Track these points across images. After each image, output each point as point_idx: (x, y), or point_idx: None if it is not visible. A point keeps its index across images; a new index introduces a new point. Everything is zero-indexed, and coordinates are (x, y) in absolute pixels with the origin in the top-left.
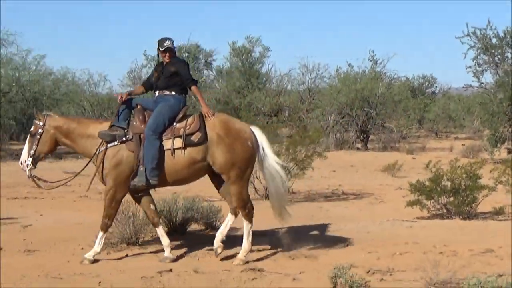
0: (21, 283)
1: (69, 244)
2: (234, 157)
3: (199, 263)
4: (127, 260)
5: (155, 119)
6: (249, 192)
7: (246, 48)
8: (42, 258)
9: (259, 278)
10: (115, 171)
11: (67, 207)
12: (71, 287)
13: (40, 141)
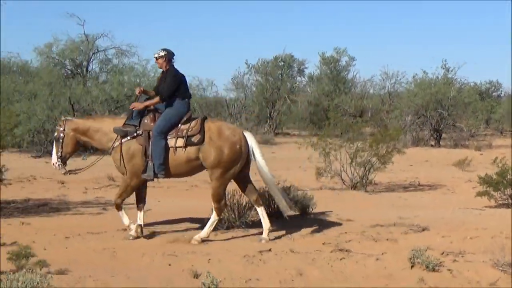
0: (142, 261)
1: (181, 227)
2: (221, 157)
3: (294, 244)
4: (233, 240)
5: (161, 122)
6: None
7: (334, 58)
8: (160, 238)
9: (347, 257)
10: (130, 162)
11: (180, 195)
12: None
13: (63, 144)
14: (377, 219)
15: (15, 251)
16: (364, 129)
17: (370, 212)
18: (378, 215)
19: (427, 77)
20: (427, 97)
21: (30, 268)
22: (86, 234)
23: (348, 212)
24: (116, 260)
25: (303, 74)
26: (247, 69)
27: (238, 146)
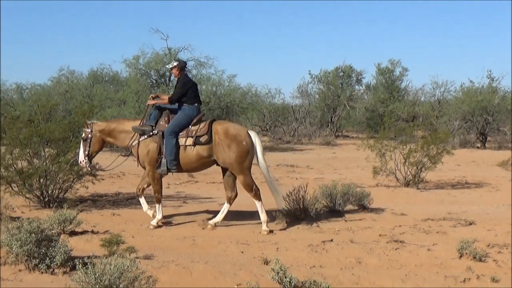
0: (218, 248)
1: (252, 218)
2: (231, 154)
3: (354, 235)
4: (297, 231)
5: (172, 123)
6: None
7: (389, 69)
8: (235, 229)
9: (401, 248)
10: (147, 157)
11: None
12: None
13: (91, 143)
14: (428, 214)
15: (107, 239)
16: (416, 133)
17: (421, 207)
18: (429, 210)
19: (473, 86)
20: (473, 104)
21: (120, 253)
22: (169, 224)
23: (402, 207)
24: (196, 247)
25: (361, 83)
26: (310, 78)
27: (244, 142)
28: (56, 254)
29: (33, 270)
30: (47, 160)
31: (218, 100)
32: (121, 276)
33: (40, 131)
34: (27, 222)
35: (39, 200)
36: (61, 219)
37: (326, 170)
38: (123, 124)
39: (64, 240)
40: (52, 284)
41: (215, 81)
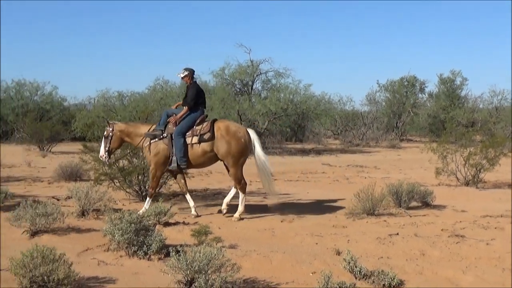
0: (295, 239)
1: (325, 213)
2: (230, 149)
3: (418, 229)
4: (366, 225)
5: (180, 125)
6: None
7: (450, 78)
8: (308, 222)
9: (461, 242)
10: (155, 157)
11: (324, 188)
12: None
13: (111, 141)
14: (487, 211)
15: (197, 229)
16: (475, 137)
17: (480, 205)
18: (487, 207)
19: None
20: None
21: (208, 242)
22: (251, 217)
23: (462, 204)
24: (275, 238)
25: (424, 91)
26: (378, 87)
27: (243, 140)
28: (152, 242)
29: (132, 256)
30: (144, 159)
31: (294, 107)
32: (209, 263)
33: None
34: (128, 213)
35: (137, 194)
36: (156, 211)
37: (392, 171)
38: (140, 128)
39: (159, 230)
40: (148, 269)
41: (292, 90)
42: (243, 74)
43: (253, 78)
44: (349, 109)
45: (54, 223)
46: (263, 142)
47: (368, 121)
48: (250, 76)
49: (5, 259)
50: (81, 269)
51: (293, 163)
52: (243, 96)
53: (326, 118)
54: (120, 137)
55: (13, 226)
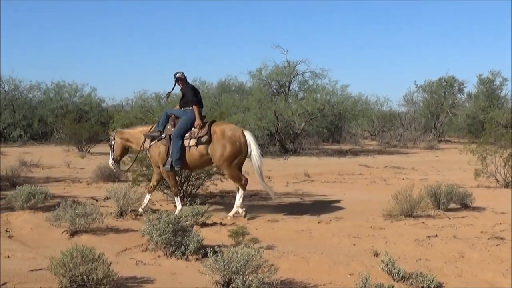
0: (332, 241)
1: (363, 214)
2: (225, 152)
3: (457, 231)
4: (404, 227)
5: (178, 127)
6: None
7: (489, 79)
8: (346, 223)
9: (501, 244)
10: (159, 158)
11: (361, 189)
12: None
13: (114, 149)
14: None
15: (234, 230)
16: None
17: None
18: None
19: None
20: None
21: (246, 243)
22: (288, 218)
23: (502, 206)
24: (312, 239)
25: (463, 92)
26: (416, 88)
27: (238, 143)
28: (190, 242)
29: (170, 256)
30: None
31: (331, 108)
32: (247, 263)
33: None
34: (166, 214)
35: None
36: (194, 212)
37: (430, 172)
38: (138, 131)
39: (197, 231)
40: (186, 269)
41: (329, 91)
42: (280, 75)
43: (290, 79)
44: (386, 110)
45: (93, 223)
46: (300, 143)
47: (406, 122)
48: (287, 77)
49: (45, 258)
50: (120, 269)
51: (329, 164)
52: (279, 97)
53: (363, 119)
54: (122, 144)
55: (53, 226)
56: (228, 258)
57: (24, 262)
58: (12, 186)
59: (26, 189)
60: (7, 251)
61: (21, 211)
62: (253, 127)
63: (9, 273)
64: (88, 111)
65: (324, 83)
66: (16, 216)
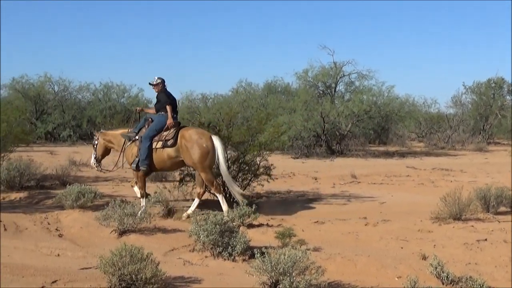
0: (379, 243)
1: (410, 217)
2: (194, 156)
3: (507, 235)
4: (453, 230)
5: (148, 129)
6: None
7: None
8: (393, 225)
9: None
10: (131, 158)
11: (408, 191)
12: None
13: (97, 149)
14: None
15: (280, 231)
16: None
17: None
18: None
19: None
20: None
21: (292, 245)
22: (334, 220)
23: None
24: (359, 241)
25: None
26: (464, 89)
27: (205, 145)
28: (236, 243)
29: (217, 257)
30: (228, 161)
31: (378, 109)
32: (294, 265)
33: (223, 135)
34: (213, 215)
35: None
36: (240, 213)
37: (479, 174)
38: (117, 132)
39: (243, 232)
40: (233, 270)
41: (376, 92)
42: (326, 76)
43: (336, 80)
44: (434, 112)
45: (141, 223)
46: (346, 144)
47: (454, 123)
48: (333, 78)
49: (95, 257)
50: (168, 268)
51: (376, 165)
52: (326, 98)
53: (410, 120)
54: (104, 145)
55: (102, 225)
56: (276, 260)
57: (74, 260)
58: (62, 185)
59: (76, 188)
60: (57, 249)
61: (71, 210)
62: (300, 128)
63: (59, 272)
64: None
65: (370, 84)
66: (66, 214)
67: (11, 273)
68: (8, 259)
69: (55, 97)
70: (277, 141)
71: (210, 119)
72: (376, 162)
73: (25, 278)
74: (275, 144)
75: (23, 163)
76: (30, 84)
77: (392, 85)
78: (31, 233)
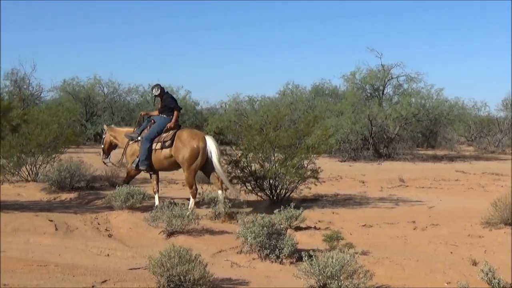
0: (428, 248)
1: (459, 221)
2: (184, 155)
3: None
4: (505, 236)
5: (149, 131)
6: None
7: None
8: (442, 230)
9: None
10: (131, 158)
11: (458, 195)
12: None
13: (104, 142)
14: None
15: (328, 234)
16: None
17: None
18: None
19: None
20: None
21: (340, 248)
22: (382, 223)
23: None
24: (407, 245)
25: None
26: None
27: (196, 146)
28: (284, 246)
29: (264, 259)
30: (276, 163)
31: (426, 112)
32: (342, 269)
33: (270, 138)
34: (260, 217)
35: (268, 198)
36: (288, 215)
37: None
38: (122, 130)
39: (291, 234)
40: (280, 272)
41: (424, 95)
42: (374, 79)
43: (384, 83)
44: (484, 115)
45: (189, 225)
46: (394, 148)
47: (505, 127)
48: (381, 81)
49: (143, 258)
50: (215, 270)
51: (424, 169)
52: (373, 101)
53: (459, 123)
54: (110, 140)
55: (151, 226)
56: (323, 263)
57: (123, 260)
58: (112, 186)
59: (125, 190)
60: (107, 249)
61: (120, 211)
62: (347, 131)
63: (109, 271)
64: (183, 114)
65: (419, 87)
66: (115, 215)
67: (62, 272)
68: (59, 258)
69: (105, 99)
70: (324, 144)
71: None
72: (424, 166)
73: (76, 278)
74: (323, 147)
75: (74, 164)
76: (81, 86)
77: (441, 88)
78: (82, 233)
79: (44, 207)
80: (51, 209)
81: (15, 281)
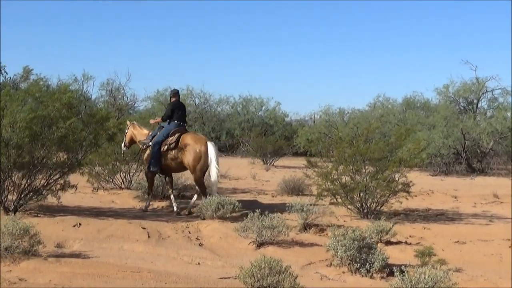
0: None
1: None
2: (188, 158)
3: None
4: None
5: (157, 136)
6: None
7: None
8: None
9: None
10: (146, 160)
11: None
12: None
13: (126, 137)
14: None
15: (420, 250)
16: None
17: None
18: None
19: None
20: None
21: (432, 264)
22: (476, 240)
23: None
24: (502, 264)
25: None
26: None
27: (198, 149)
28: (375, 260)
29: (355, 273)
30: (367, 176)
31: None
32: (434, 285)
33: (361, 150)
34: (351, 230)
35: (358, 211)
36: (378, 229)
37: None
38: (141, 132)
39: (381, 249)
40: (371, 286)
41: None
42: (468, 92)
43: (479, 96)
44: None
45: (279, 236)
46: (487, 163)
47: None
48: (475, 94)
49: (233, 267)
50: (305, 282)
51: None
52: (467, 115)
53: None
54: (130, 136)
55: (241, 236)
56: (416, 279)
57: (214, 269)
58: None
59: (216, 200)
60: (197, 258)
61: (211, 220)
62: (438, 145)
63: (200, 280)
64: (273, 125)
65: None
66: (206, 224)
67: (154, 279)
68: (151, 265)
69: (196, 109)
70: (417, 157)
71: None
72: None
73: (168, 285)
74: (415, 161)
75: None
76: None
77: None
78: (173, 241)
79: (137, 215)
80: (144, 216)
81: (110, 286)
